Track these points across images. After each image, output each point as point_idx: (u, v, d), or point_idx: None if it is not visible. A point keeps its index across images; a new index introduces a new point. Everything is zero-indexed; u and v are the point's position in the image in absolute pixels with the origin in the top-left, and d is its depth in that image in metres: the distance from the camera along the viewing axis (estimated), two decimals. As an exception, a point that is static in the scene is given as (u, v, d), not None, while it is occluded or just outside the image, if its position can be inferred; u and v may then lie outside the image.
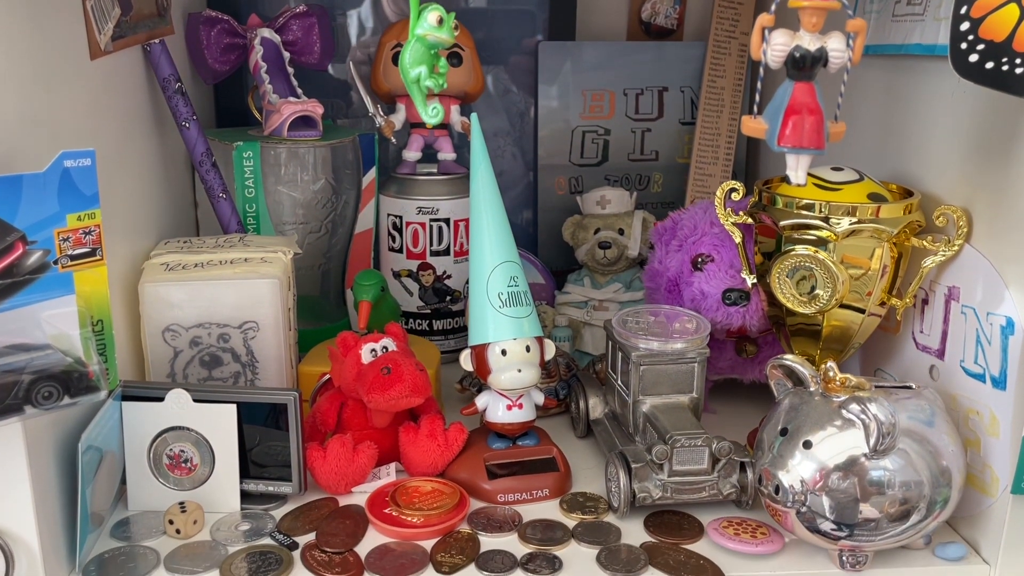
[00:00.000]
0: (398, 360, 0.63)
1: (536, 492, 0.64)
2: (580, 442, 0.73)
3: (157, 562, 0.55)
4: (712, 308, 0.69)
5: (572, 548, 0.58)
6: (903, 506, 0.54)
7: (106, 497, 0.59)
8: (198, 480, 0.61)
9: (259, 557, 0.56)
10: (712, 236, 0.71)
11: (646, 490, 0.61)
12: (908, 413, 0.56)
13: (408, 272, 0.85)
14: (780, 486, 0.55)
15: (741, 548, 0.57)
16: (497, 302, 0.64)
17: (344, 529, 0.59)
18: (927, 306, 0.64)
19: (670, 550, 0.58)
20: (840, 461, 0.54)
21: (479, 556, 0.57)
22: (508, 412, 0.65)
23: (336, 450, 0.62)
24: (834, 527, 0.55)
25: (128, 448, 0.60)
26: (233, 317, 0.65)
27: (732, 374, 0.77)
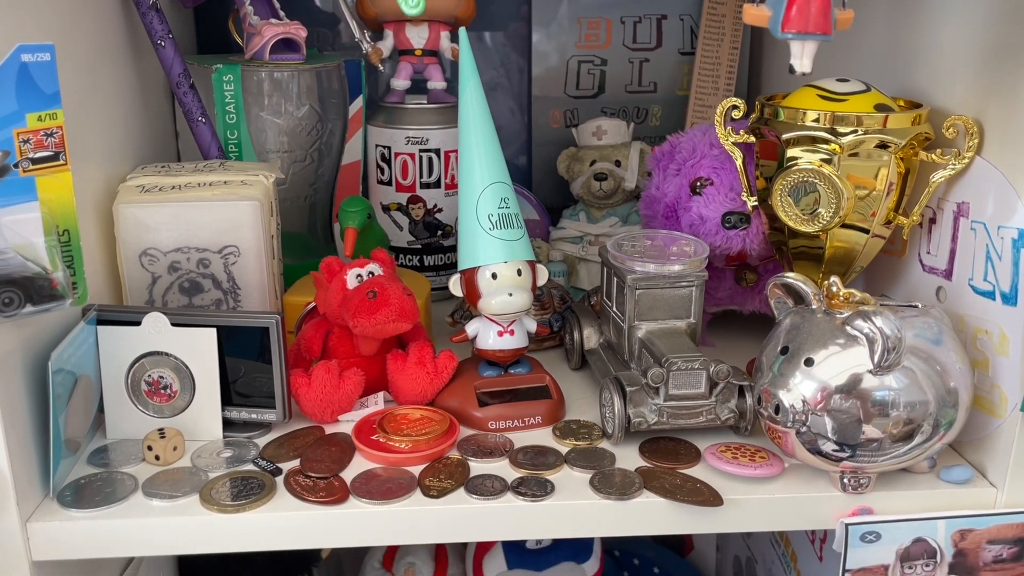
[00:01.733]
0: (384, 284, 0.60)
1: (528, 420, 0.62)
2: (574, 374, 0.71)
3: (135, 487, 0.54)
4: (711, 233, 0.66)
5: (564, 472, 0.57)
6: (907, 427, 0.52)
7: (82, 423, 0.57)
8: (178, 407, 0.59)
9: (241, 482, 0.54)
10: (711, 159, 0.68)
11: (641, 415, 0.59)
12: (914, 331, 0.53)
13: (397, 205, 0.82)
14: (780, 406, 0.53)
15: (739, 471, 0.56)
16: (487, 224, 0.61)
17: (329, 455, 0.57)
18: (934, 225, 0.61)
19: (666, 474, 0.56)
20: (843, 380, 0.52)
21: (468, 480, 0.55)
22: (499, 339, 0.63)
23: (321, 376, 0.60)
24: (836, 448, 0.53)
25: (105, 374, 0.58)
26: (213, 241, 0.62)
27: (731, 304, 0.75)
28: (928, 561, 0.54)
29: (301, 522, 0.52)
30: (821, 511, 0.55)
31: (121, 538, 0.51)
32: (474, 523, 0.53)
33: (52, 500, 0.52)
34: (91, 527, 0.51)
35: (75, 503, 0.52)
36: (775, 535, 0.88)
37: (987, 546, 0.54)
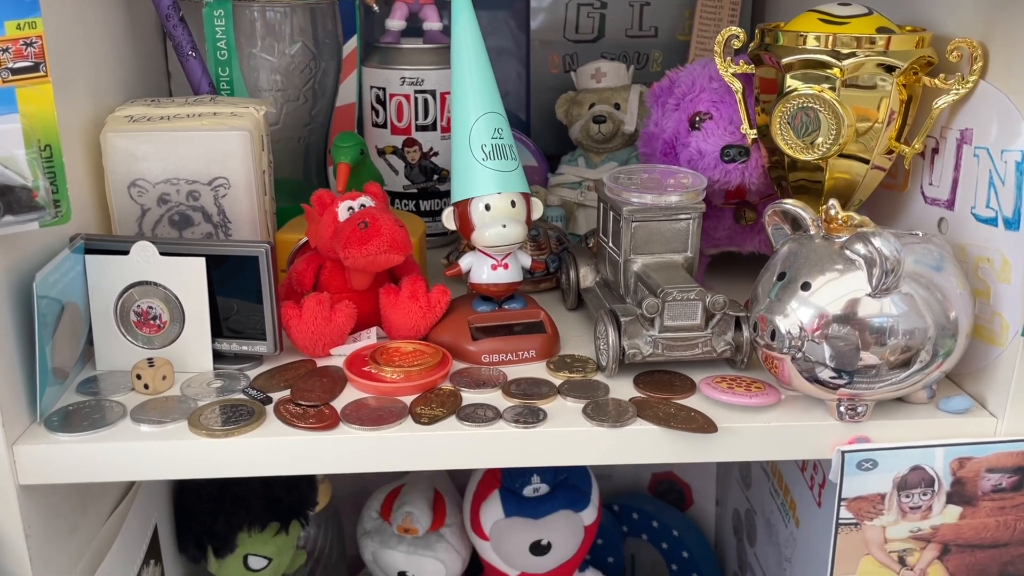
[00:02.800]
0: (376, 215, 0.59)
1: (522, 353, 0.61)
2: (570, 314, 0.70)
3: (124, 414, 0.53)
4: (710, 167, 0.65)
5: (558, 402, 0.56)
6: (905, 354, 0.51)
7: (70, 352, 0.56)
8: (168, 338, 0.58)
9: (230, 409, 0.54)
10: (711, 92, 0.67)
11: (636, 347, 0.58)
12: (915, 257, 0.52)
13: (393, 149, 0.81)
14: (776, 331, 0.52)
15: (734, 400, 0.55)
16: (480, 154, 0.60)
17: (321, 386, 0.57)
18: (937, 155, 0.60)
19: (660, 404, 0.55)
20: (841, 305, 0.51)
21: (460, 409, 0.55)
22: (493, 272, 0.62)
23: (312, 308, 0.59)
24: (833, 375, 0.52)
25: (93, 304, 0.58)
26: (202, 172, 0.61)
27: (730, 245, 0.74)
28: (926, 490, 0.53)
29: (291, 447, 0.52)
30: (817, 440, 0.54)
31: (108, 462, 0.51)
32: (465, 450, 0.52)
33: (39, 425, 0.52)
34: (78, 451, 0.51)
35: (62, 428, 0.51)
36: (773, 485, 0.87)
37: (986, 475, 0.53)
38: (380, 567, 0.94)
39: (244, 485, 0.74)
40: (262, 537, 0.76)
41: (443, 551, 0.91)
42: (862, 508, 0.53)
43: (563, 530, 0.87)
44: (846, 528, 0.53)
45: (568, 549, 0.88)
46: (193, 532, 0.75)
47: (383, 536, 0.93)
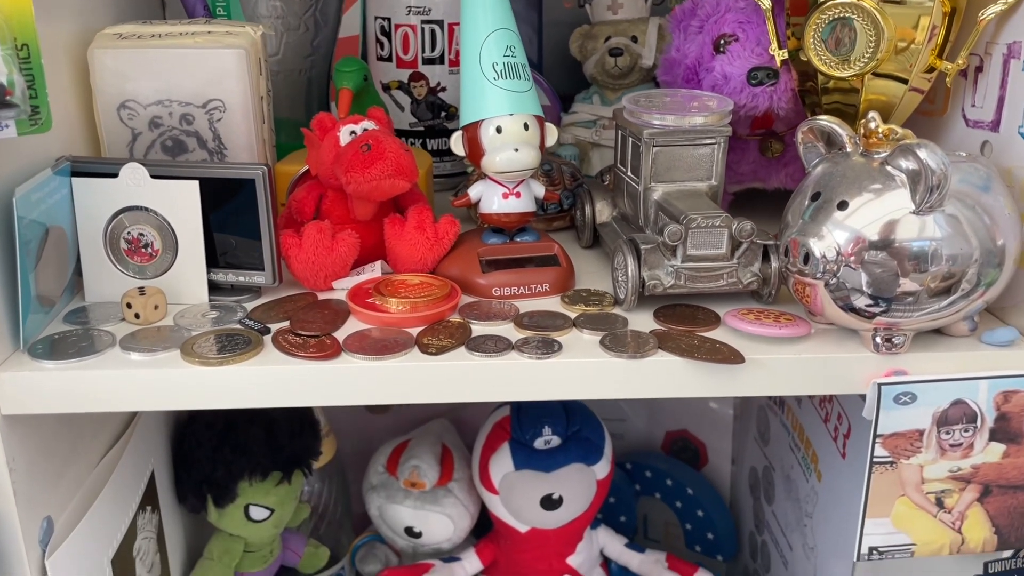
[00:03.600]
0: (380, 137, 0.56)
1: (535, 287, 0.58)
2: (585, 252, 0.67)
3: (112, 342, 0.50)
4: (736, 91, 0.61)
5: (573, 335, 0.53)
6: (947, 281, 0.48)
7: (55, 279, 0.53)
8: (160, 268, 0.55)
9: (226, 338, 0.51)
10: (737, 13, 0.63)
11: (656, 278, 0.54)
12: (960, 176, 0.49)
13: (399, 84, 0.77)
14: (810, 254, 0.48)
15: (762, 331, 0.51)
16: (491, 73, 0.56)
17: (322, 317, 0.54)
18: (981, 74, 0.56)
19: (682, 336, 0.52)
20: (880, 226, 0.47)
21: (469, 339, 0.51)
22: (504, 201, 0.58)
23: (313, 236, 0.56)
24: (869, 302, 0.48)
25: (82, 231, 0.54)
26: (196, 94, 0.58)
27: (754, 181, 0.70)
28: (968, 426, 0.50)
29: (290, 377, 0.49)
30: (851, 373, 0.50)
31: (95, 392, 0.48)
32: (474, 381, 0.49)
33: (23, 353, 0.49)
34: (63, 379, 0.48)
35: (47, 355, 0.48)
36: (794, 439, 0.84)
37: (1033, 410, 0.50)
38: (386, 522, 0.92)
39: (245, 432, 0.71)
40: (264, 487, 0.73)
41: (451, 506, 0.89)
42: (898, 446, 0.50)
43: (575, 484, 0.84)
44: (880, 467, 0.50)
45: (580, 504, 0.85)
46: (192, 481, 0.72)
47: (389, 491, 0.90)
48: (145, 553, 0.64)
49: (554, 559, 0.88)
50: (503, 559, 0.90)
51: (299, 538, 0.83)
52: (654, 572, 0.91)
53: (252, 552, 0.76)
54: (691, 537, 1.02)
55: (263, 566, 0.78)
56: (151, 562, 0.65)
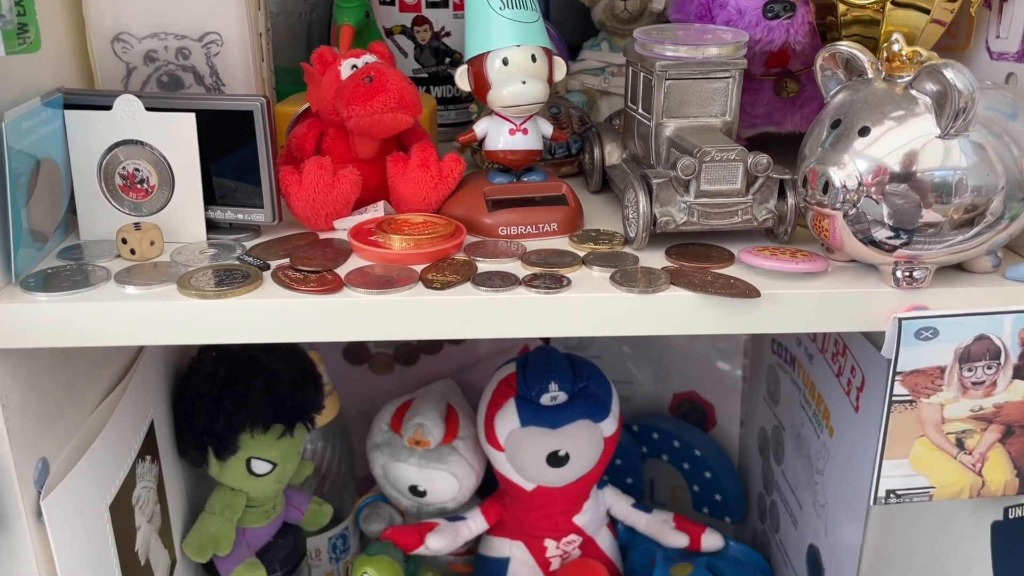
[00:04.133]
0: (382, 69, 0.54)
1: (543, 226, 0.56)
2: (594, 197, 0.65)
3: (107, 277, 0.49)
4: (751, 25, 0.59)
5: (582, 272, 0.51)
6: (970, 212, 0.46)
7: (48, 214, 0.51)
8: (156, 205, 0.54)
9: (224, 273, 0.49)
10: (751, -56, 0.60)
11: (668, 214, 0.52)
12: (987, 102, 0.47)
13: (402, 28, 0.75)
14: (830, 183, 0.46)
15: (778, 266, 0.50)
16: (497, 3, 0.54)
17: (323, 254, 0.52)
18: (1006, 4, 0.54)
19: (695, 272, 0.50)
20: (903, 153, 0.45)
21: (475, 275, 0.50)
22: (511, 138, 0.57)
23: (313, 173, 0.54)
24: (890, 234, 0.47)
25: (75, 166, 0.53)
26: (192, 27, 0.56)
27: (768, 124, 0.68)
28: (991, 363, 0.48)
29: (289, 311, 0.47)
30: (870, 309, 0.49)
31: (89, 325, 0.46)
32: (480, 317, 0.48)
33: (15, 286, 0.48)
34: (56, 313, 0.46)
35: (40, 288, 0.47)
36: (805, 396, 0.83)
37: (1059, 347, 0.48)
38: (390, 481, 0.91)
39: (245, 384, 0.70)
40: (265, 439, 0.72)
41: (455, 464, 0.88)
42: (918, 383, 0.48)
43: (582, 441, 0.82)
44: (900, 407, 0.49)
45: (587, 461, 0.84)
46: (193, 433, 0.71)
47: (393, 449, 0.89)
48: (145, 503, 0.63)
49: (560, 518, 0.87)
50: (509, 518, 0.89)
51: (302, 495, 0.82)
52: (661, 532, 0.90)
53: (254, 507, 0.75)
54: (698, 499, 1.00)
55: (265, 521, 0.77)
56: (151, 512, 0.64)
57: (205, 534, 0.72)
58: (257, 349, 0.73)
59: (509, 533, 0.89)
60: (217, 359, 0.72)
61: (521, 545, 0.89)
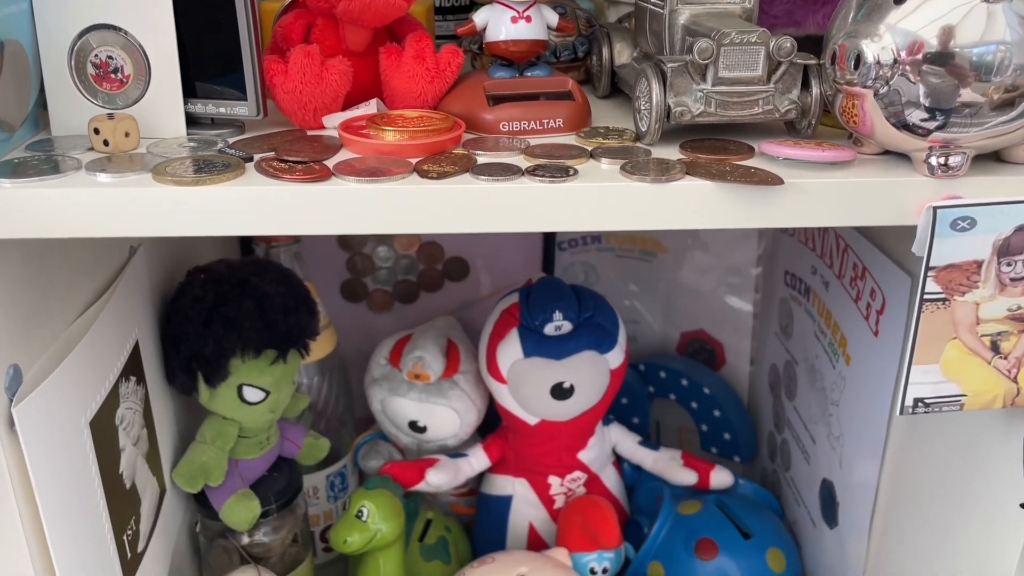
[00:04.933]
0: (374, -51, 0.50)
1: (547, 122, 0.52)
2: (602, 102, 0.61)
3: (78, 166, 0.45)
4: (771, -93, 0.55)
5: (590, 164, 0.47)
6: (1011, 92, 0.42)
7: (15, 103, 0.48)
8: (132, 96, 0.50)
9: (203, 162, 0.45)
10: None
11: (683, 104, 0.49)
12: (1033, -32, 0.42)
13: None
14: (861, 57, 0.42)
15: (802, 154, 0.46)
16: None
17: (311, 148, 0.48)
18: None
19: (712, 164, 0.46)
20: (943, 25, 0.41)
21: (475, 166, 0.46)
22: (513, 26, 0.53)
23: (300, 61, 0.50)
24: (925, 116, 0.43)
25: (44, 52, 0.49)
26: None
27: (788, 25, 0.64)
28: (1032, 256, 0.45)
29: (273, 200, 0.43)
30: (902, 200, 0.45)
31: (57, 215, 0.43)
32: (479, 207, 0.44)
33: (-22, 173, 0.44)
34: (22, 201, 0.42)
35: (6, 175, 0.43)
36: (820, 326, 0.79)
37: (1106, 239, 0.45)
38: (389, 417, 0.88)
39: (236, 307, 0.67)
40: (257, 365, 0.69)
41: (456, 399, 0.85)
42: (953, 280, 0.45)
43: (587, 372, 0.79)
44: (931, 305, 0.45)
45: (592, 394, 0.81)
46: (181, 357, 0.67)
47: (392, 383, 0.86)
48: (130, 425, 0.60)
49: (564, 454, 0.84)
50: (512, 455, 0.86)
51: (298, 429, 0.79)
52: (669, 469, 0.87)
53: (247, 438, 0.72)
54: (707, 439, 0.98)
55: (259, 453, 0.74)
56: (136, 436, 0.61)
57: (196, 463, 0.69)
58: (248, 272, 0.69)
59: (512, 471, 0.86)
60: (206, 281, 0.68)
61: (524, 482, 0.86)
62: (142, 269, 0.65)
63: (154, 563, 0.64)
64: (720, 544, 0.79)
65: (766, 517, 0.83)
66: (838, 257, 0.75)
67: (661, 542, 0.81)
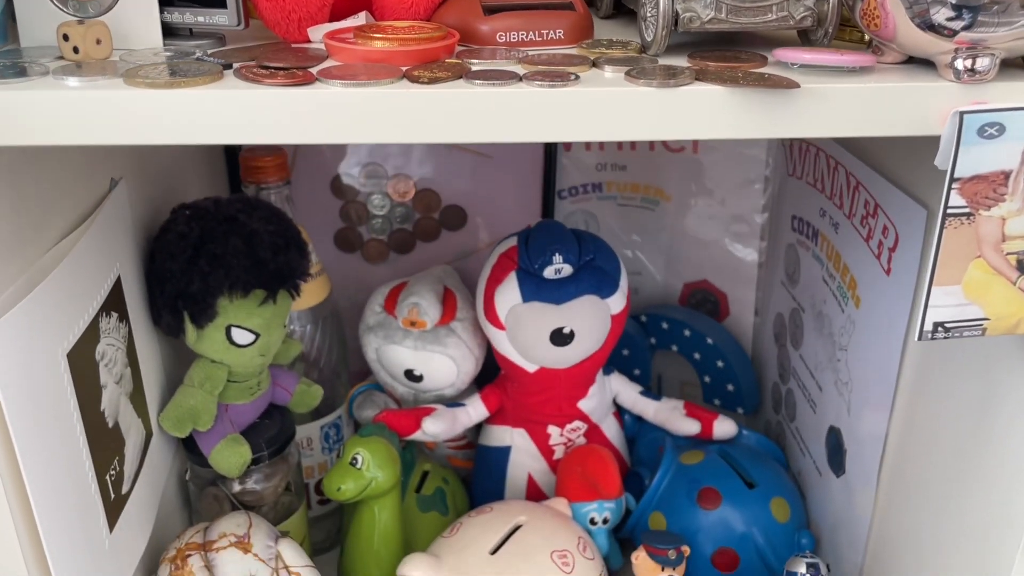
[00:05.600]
0: None
1: (547, 33, 0.49)
2: (605, 23, 0.58)
3: (46, 72, 0.42)
4: None
5: (592, 72, 0.44)
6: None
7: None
8: (104, 4, 0.47)
9: (179, 67, 0.42)
10: None
11: (692, 10, 0.46)
12: None
13: None
14: (885, -53, 0.39)
15: (820, 59, 0.43)
16: None
17: (295, 56, 0.45)
18: None
19: (723, 71, 0.44)
20: (972, -89, 0.39)
21: (469, 72, 0.43)
22: (510, -68, 0.50)
23: (283, -33, 0.47)
24: (952, 15, 0.40)
25: (8, -45, 0.46)
26: None
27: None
28: (1063, 166, 0.42)
29: (253, 105, 0.41)
30: (925, 107, 0.42)
31: (22, 121, 0.40)
32: (473, 114, 0.41)
33: (-64, 75, 0.41)
34: (-16, 104, 0.40)
35: (-35, 79, 0.41)
36: (828, 270, 0.77)
37: None
38: (384, 366, 0.86)
39: (222, 243, 0.64)
40: (246, 305, 0.66)
41: (453, 347, 0.82)
42: (978, 192, 0.42)
43: (587, 318, 0.77)
44: (955, 221, 0.42)
45: (593, 340, 0.78)
46: (166, 296, 0.65)
47: (387, 331, 0.84)
48: (112, 362, 0.58)
49: (564, 402, 0.82)
50: (510, 405, 0.84)
51: (290, 376, 0.77)
52: (671, 419, 0.85)
53: (237, 383, 0.70)
54: (710, 391, 0.96)
55: (250, 398, 0.72)
56: (119, 374, 0.59)
57: (183, 407, 0.67)
58: (235, 208, 0.67)
59: (511, 421, 0.84)
60: (191, 217, 0.66)
61: (523, 432, 0.84)
62: (124, 203, 0.62)
63: (140, 507, 0.62)
64: (723, 493, 0.77)
65: (770, 467, 0.81)
66: (848, 196, 0.72)
67: (663, 492, 0.79)
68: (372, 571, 0.75)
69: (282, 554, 0.64)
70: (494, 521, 0.73)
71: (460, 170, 0.94)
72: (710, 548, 0.76)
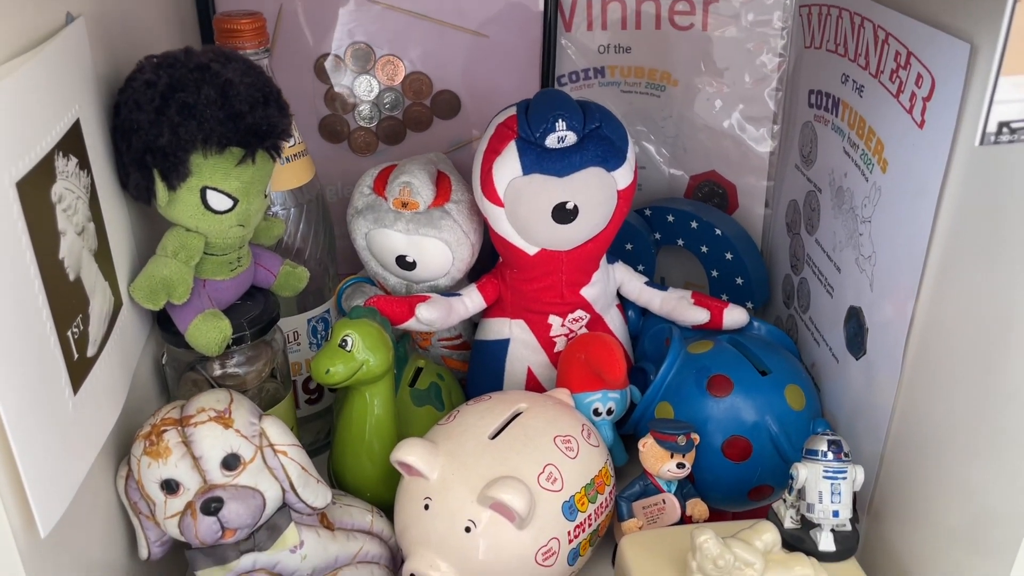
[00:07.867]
0: None
1: None
2: None
3: None
4: None
5: None
6: None
7: None
8: None
9: None
10: None
11: None
12: None
13: None
14: None
15: None
16: None
17: None
18: None
19: None
20: None
21: None
22: None
23: None
24: None
25: None
26: None
27: None
28: None
29: None
30: None
31: None
32: None
33: None
34: None
35: None
36: (850, 139, 0.72)
37: None
38: (375, 254, 0.80)
39: (195, 93, 0.58)
40: (222, 165, 0.60)
41: (447, 230, 0.77)
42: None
43: (592, 192, 0.72)
44: (1028, -4, 0.37)
45: (598, 218, 0.73)
46: (134, 151, 0.59)
47: (378, 213, 0.78)
48: (71, 209, 0.52)
49: (566, 289, 0.77)
50: (509, 295, 0.79)
51: (274, 257, 0.71)
52: (678, 309, 0.81)
53: (215, 255, 0.65)
54: (717, 286, 0.91)
55: (229, 274, 0.66)
56: (81, 226, 0.53)
57: (156, 277, 0.61)
58: (208, 58, 0.60)
59: (509, 312, 0.80)
60: (159, 65, 0.59)
61: (522, 324, 0.79)
62: (83, 42, 0.56)
63: (109, 376, 0.56)
64: (735, 380, 0.73)
65: (784, 356, 0.77)
66: (875, 53, 0.66)
67: (670, 382, 0.75)
68: (364, 463, 0.71)
69: (266, 431, 0.60)
70: (494, 408, 0.68)
71: (453, 53, 0.88)
72: (721, 438, 0.72)
